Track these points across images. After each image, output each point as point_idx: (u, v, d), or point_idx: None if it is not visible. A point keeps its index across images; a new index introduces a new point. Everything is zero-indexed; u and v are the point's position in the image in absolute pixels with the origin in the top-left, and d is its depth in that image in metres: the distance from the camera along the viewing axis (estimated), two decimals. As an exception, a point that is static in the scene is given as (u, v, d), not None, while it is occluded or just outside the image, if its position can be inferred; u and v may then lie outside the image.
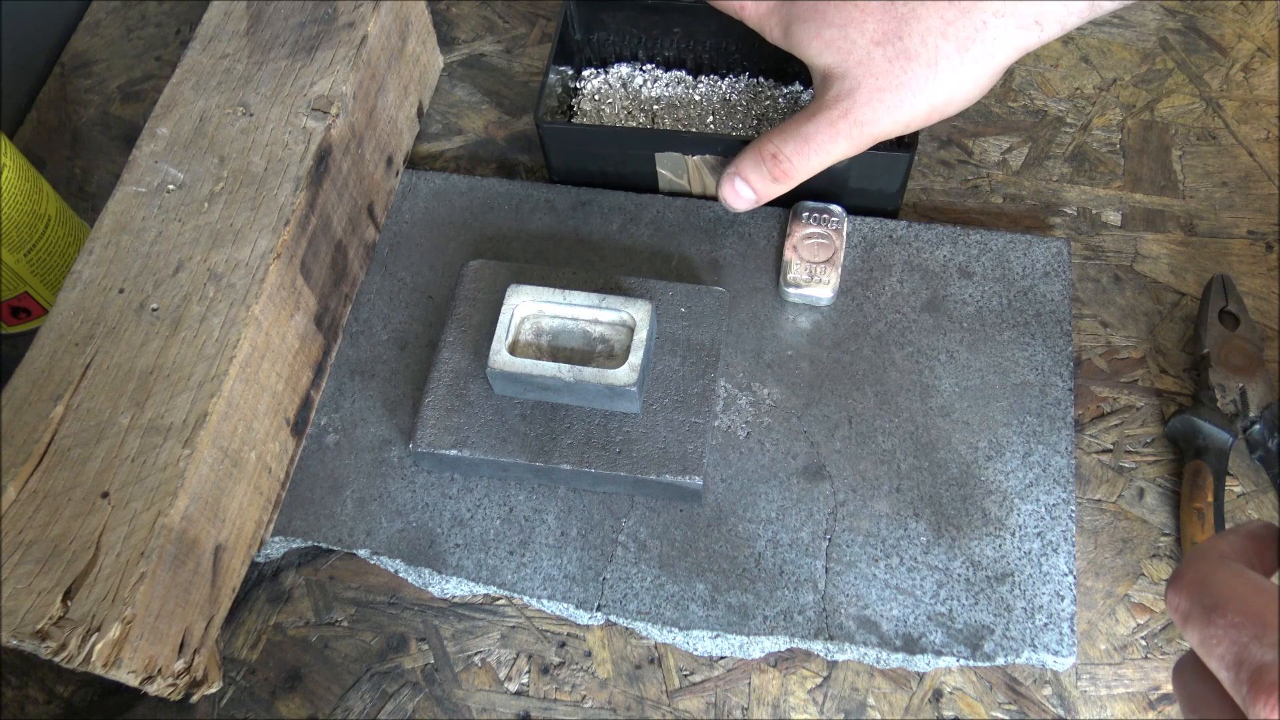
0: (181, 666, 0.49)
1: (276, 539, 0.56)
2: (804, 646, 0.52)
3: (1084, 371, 0.59)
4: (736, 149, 0.61)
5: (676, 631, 0.53)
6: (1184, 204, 0.64)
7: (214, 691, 0.52)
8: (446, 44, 0.74)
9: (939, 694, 0.52)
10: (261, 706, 0.53)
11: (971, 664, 0.51)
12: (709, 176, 0.63)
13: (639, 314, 0.55)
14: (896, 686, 0.52)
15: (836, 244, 0.60)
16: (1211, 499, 0.53)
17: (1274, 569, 0.33)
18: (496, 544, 0.55)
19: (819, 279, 0.59)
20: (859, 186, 0.61)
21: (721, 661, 0.53)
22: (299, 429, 0.57)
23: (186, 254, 0.53)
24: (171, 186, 0.56)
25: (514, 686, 0.53)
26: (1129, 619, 0.53)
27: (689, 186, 0.64)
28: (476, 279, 0.60)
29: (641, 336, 0.54)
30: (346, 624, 0.55)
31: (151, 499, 0.47)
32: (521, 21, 0.76)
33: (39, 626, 0.43)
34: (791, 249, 0.60)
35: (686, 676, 0.53)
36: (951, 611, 0.52)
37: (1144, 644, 0.52)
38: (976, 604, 0.52)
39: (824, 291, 0.59)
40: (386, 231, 0.65)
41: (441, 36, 0.74)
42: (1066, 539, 0.53)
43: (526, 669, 0.54)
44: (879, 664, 0.52)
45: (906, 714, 0.51)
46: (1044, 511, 0.54)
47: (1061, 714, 0.51)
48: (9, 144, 0.58)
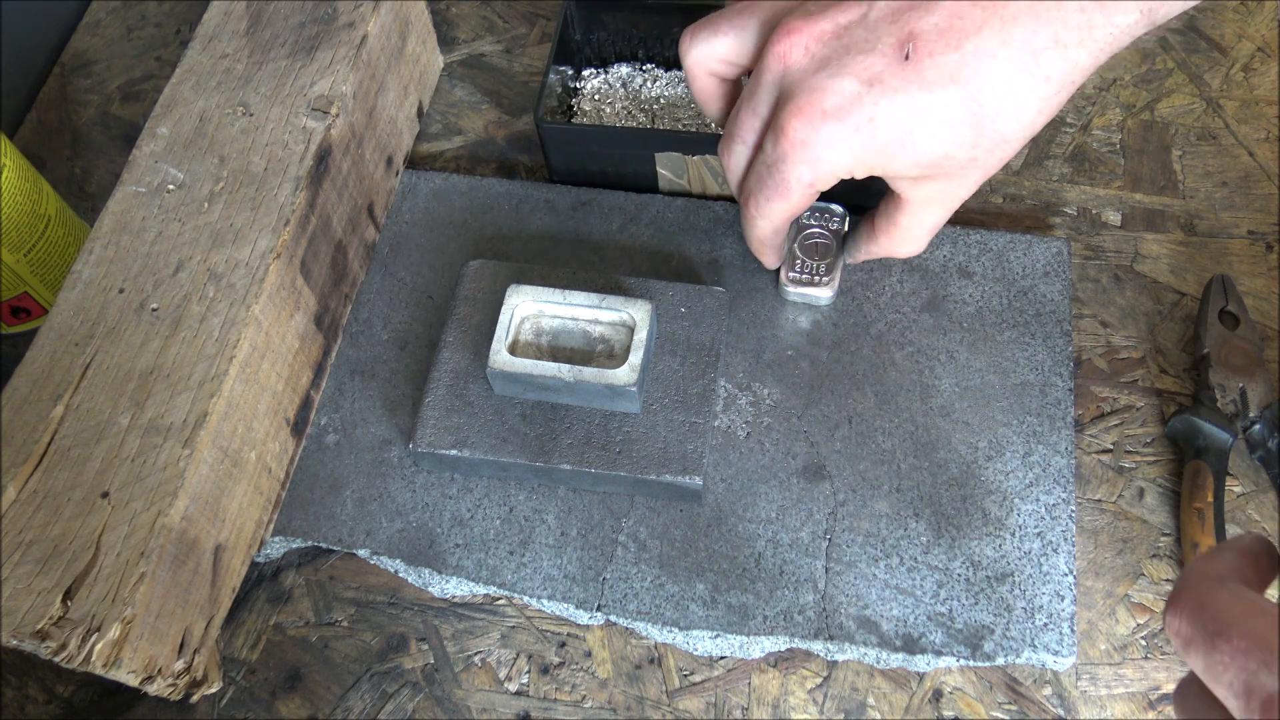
0: (181, 666, 0.49)
1: (276, 539, 0.56)
2: (804, 646, 0.52)
3: (1084, 371, 0.59)
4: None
5: (676, 631, 0.53)
6: (1184, 204, 0.64)
7: (214, 691, 0.52)
8: (446, 44, 0.74)
9: (939, 694, 0.52)
10: (261, 706, 0.53)
11: (971, 664, 0.51)
12: (709, 176, 0.63)
13: (639, 314, 0.55)
14: (896, 686, 0.52)
15: (836, 243, 0.60)
16: (1211, 499, 0.53)
17: (1270, 583, 0.33)
18: (496, 544, 0.55)
19: (819, 279, 0.59)
20: (859, 186, 0.61)
21: (721, 661, 0.53)
22: (299, 429, 0.57)
23: (186, 254, 0.53)
24: (171, 186, 0.56)
25: (514, 686, 0.53)
26: (1129, 619, 0.53)
27: (689, 186, 0.64)
28: (476, 279, 0.60)
29: (641, 336, 0.54)
30: (346, 624, 0.55)
31: (151, 499, 0.47)
32: (521, 21, 0.76)
33: (39, 626, 0.43)
34: (792, 249, 0.60)
35: (686, 676, 0.53)
36: (951, 611, 0.52)
37: (1144, 644, 0.52)
38: (976, 604, 0.52)
39: (824, 292, 0.59)
40: (386, 231, 0.65)
41: (441, 36, 0.74)
42: (1066, 539, 0.53)
43: (526, 669, 0.54)
44: (879, 664, 0.52)
45: (906, 714, 0.51)
46: (1044, 511, 0.54)
47: (1061, 714, 0.51)
48: (9, 144, 0.58)
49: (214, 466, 0.49)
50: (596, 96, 0.69)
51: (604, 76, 0.70)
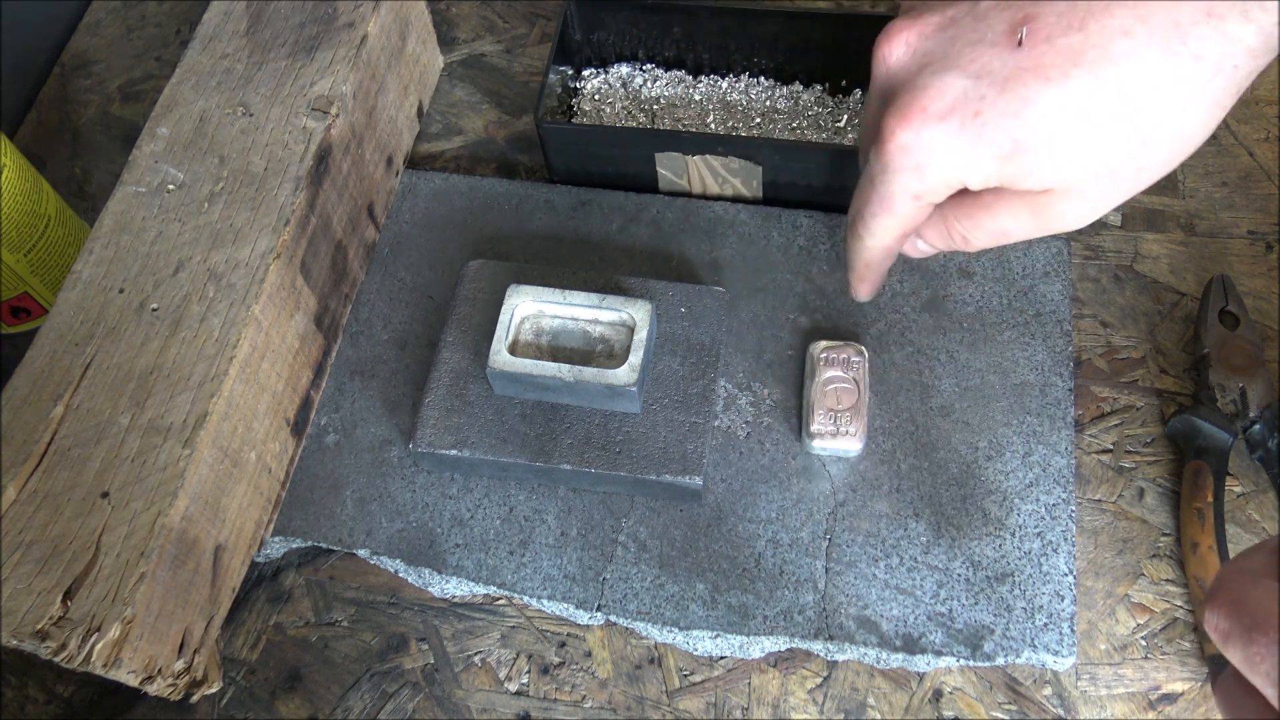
0: (181, 666, 0.49)
1: (276, 539, 0.56)
2: (804, 646, 0.52)
3: (1084, 371, 0.59)
4: (736, 149, 0.61)
5: (676, 631, 0.53)
6: (1184, 204, 0.64)
7: (214, 691, 0.52)
8: (446, 44, 0.74)
9: (939, 694, 0.52)
10: (261, 706, 0.53)
11: (971, 664, 0.51)
12: (709, 176, 0.63)
13: (639, 314, 0.55)
14: (896, 686, 0.52)
15: (859, 388, 0.55)
16: (1211, 499, 0.53)
17: None
18: (496, 544, 0.55)
19: (844, 430, 0.54)
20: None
21: (721, 661, 0.53)
22: (299, 429, 0.57)
23: (186, 254, 0.53)
24: (171, 186, 0.56)
25: (514, 686, 0.53)
26: (1129, 619, 0.53)
27: (689, 186, 0.64)
28: (476, 279, 0.60)
29: (641, 336, 0.54)
30: (346, 624, 0.55)
31: (151, 499, 0.47)
32: (521, 21, 0.76)
33: (39, 626, 0.43)
34: (812, 397, 0.55)
35: (686, 676, 0.53)
36: (951, 611, 0.52)
37: (1144, 644, 0.52)
38: (976, 604, 0.52)
39: (851, 444, 0.54)
40: (386, 231, 0.65)
41: (441, 36, 0.74)
42: (1066, 539, 0.53)
43: (526, 669, 0.54)
44: (879, 664, 0.52)
45: (906, 714, 0.51)
46: (1044, 511, 0.54)
47: (1061, 714, 0.51)
48: (9, 144, 0.58)
49: (214, 466, 0.49)
50: (596, 96, 0.69)
51: (604, 76, 0.70)
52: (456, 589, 0.55)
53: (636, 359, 0.54)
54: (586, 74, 0.70)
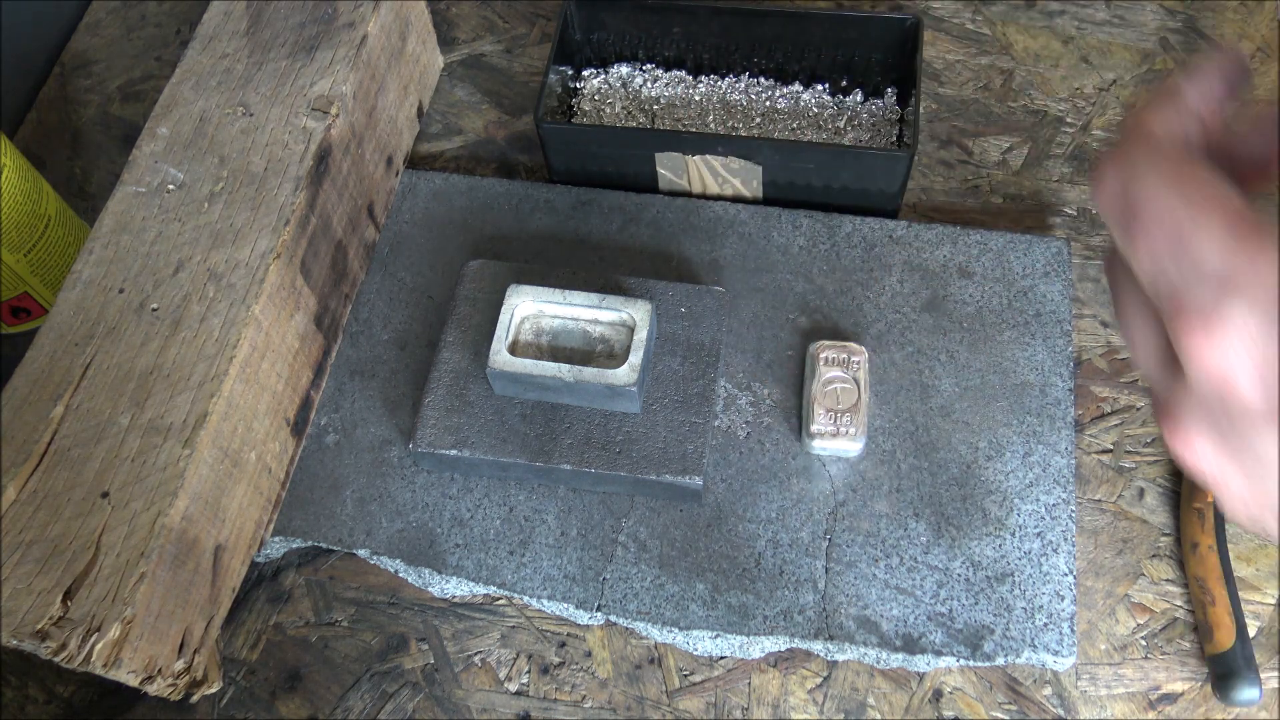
0: (181, 666, 0.49)
1: (276, 539, 0.56)
2: (804, 646, 0.52)
3: (1084, 371, 0.59)
4: (736, 149, 0.61)
5: (676, 631, 0.53)
6: (1184, 204, 0.64)
7: (214, 691, 0.52)
8: (446, 44, 0.74)
9: (939, 694, 0.52)
10: (261, 706, 0.53)
11: (971, 664, 0.51)
12: (709, 176, 0.63)
13: (639, 314, 0.55)
14: (896, 686, 0.52)
15: (859, 388, 0.55)
16: (1211, 499, 0.53)
17: (1235, 94, 0.30)
18: (496, 544, 0.55)
19: (844, 430, 0.54)
20: (859, 186, 0.61)
21: (721, 661, 0.53)
22: (299, 429, 0.57)
23: (186, 254, 0.53)
24: (171, 186, 0.56)
25: (514, 686, 0.53)
26: (1129, 619, 0.53)
27: (689, 186, 0.64)
28: (476, 279, 0.60)
29: (641, 336, 0.54)
30: (346, 624, 0.55)
31: (151, 499, 0.47)
32: (521, 21, 0.76)
33: (39, 626, 0.43)
34: (812, 397, 0.55)
35: (686, 676, 0.53)
36: (951, 611, 0.52)
37: (1144, 644, 0.52)
38: (976, 604, 0.52)
39: (851, 445, 0.54)
40: (386, 231, 0.65)
41: (441, 36, 0.74)
42: (1066, 539, 0.53)
43: (526, 669, 0.54)
44: (879, 664, 0.52)
45: (906, 714, 0.51)
46: (1044, 511, 0.54)
47: (1061, 714, 0.51)
48: (9, 144, 0.58)
49: (214, 466, 0.49)
50: (596, 96, 0.69)
51: (604, 76, 0.70)
52: (456, 589, 0.55)
53: (636, 359, 0.54)
54: (586, 74, 0.70)
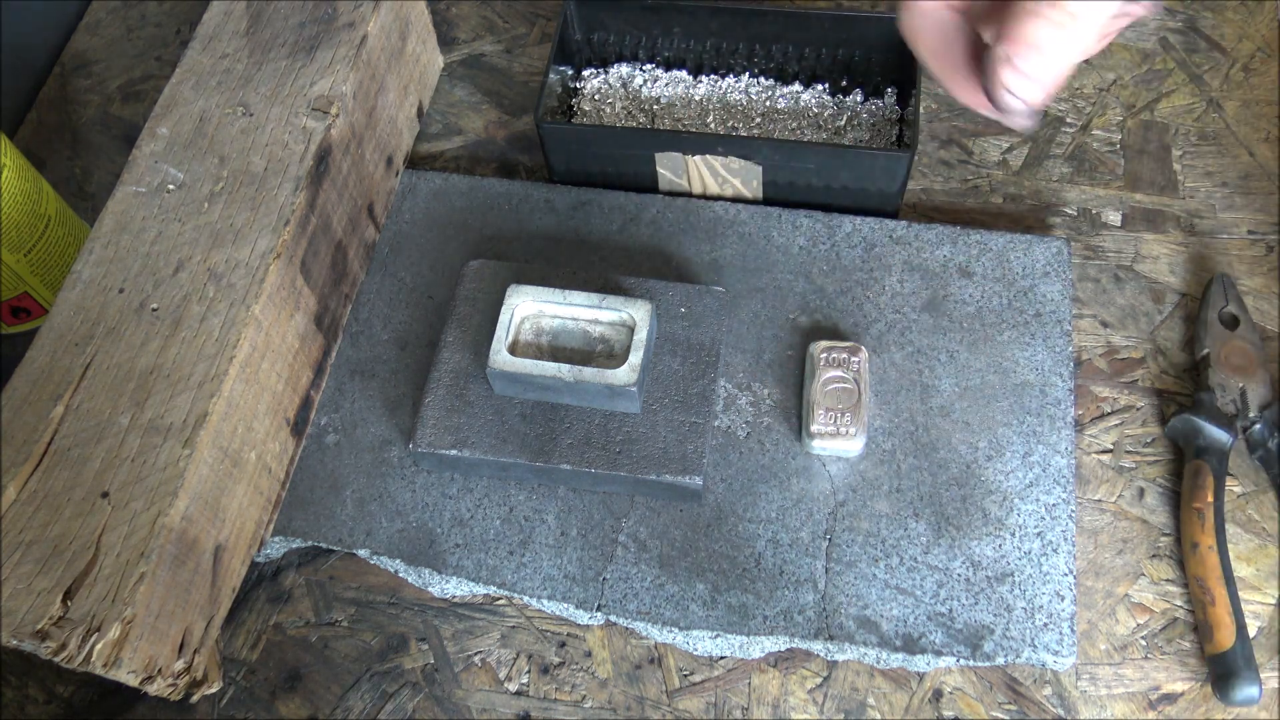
0: (181, 666, 0.49)
1: (276, 539, 0.56)
2: (804, 646, 0.52)
3: (1084, 371, 0.59)
4: (736, 149, 0.61)
5: (676, 631, 0.53)
6: (1184, 204, 0.64)
7: (214, 691, 0.52)
8: (446, 44, 0.74)
9: (939, 694, 0.52)
10: (261, 706, 0.53)
11: (971, 664, 0.51)
12: (709, 176, 0.63)
13: (639, 314, 0.55)
14: (896, 686, 0.52)
15: (859, 388, 0.55)
16: (1211, 499, 0.53)
17: None
18: (496, 544, 0.55)
19: (844, 430, 0.54)
20: (859, 186, 0.62)
21: (721, 661, 0.53)
22: (299, 429, 0.57)
23: (186, 254, 0.53)
24: (171, 186, 0.56)
25: (514, 686, 0.53)
26: (1129, 619, 0.53)
27: (689, 186, 0.64)
28: (476, 279, 0.60)
29: (641, 336, 0.54)
30: (346, 624, 0.55)
31: (151, 499, 0.47)
32: (521, 21, 0.76)
33: (39, 626, 0.43)
34: (812, 397, 0.55)
35: (686, 676, 0.53)
36: (951, 611, 0.52)
37: (1144, 644, 0.52)
38: (976, 604, 0.52)
39: (851, 445, 0.54)
40: (386, 231, 0.65)
41: (441, 36, 0.74)
42: (1066, 539, 0.53)
43: (526, 669, 0.54)
44: (879, 664, 0.52)
45: (906, 714, 0.51)
46: (1044, 511, 0.54)
47: (1061, 714, 0.51)
48: (9, 144, 0.58)
49: (214, 466, 0.49)
50: (596, 96, 0.69)
51: (604, 76, 0.70)
52: (456, 589, 0.55)
53: (636, 359, 0.54)
54: (586, 74, 0.70)
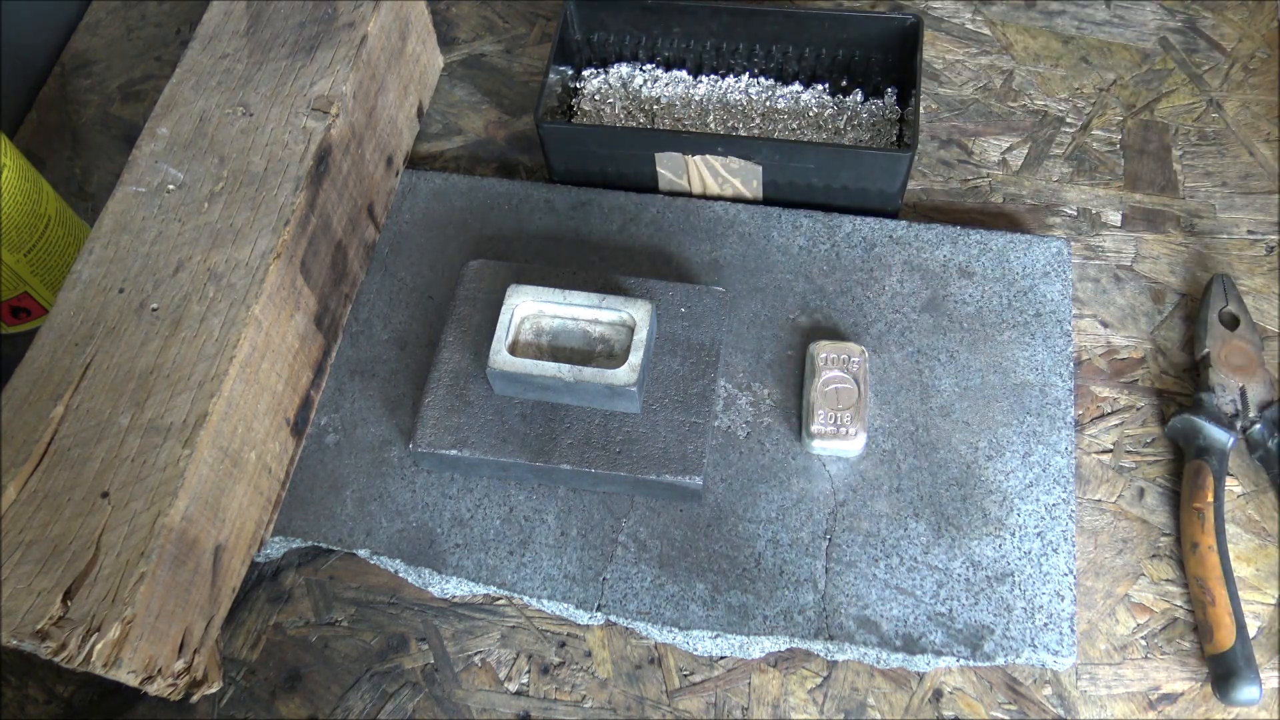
0: (181, 666, 0.49)
1: (276, 539, 0.56)
2: (804, 646, 0.52)
3: (1084, 371, 0.59)
4: (736, 149, 0.61)
5: (676, 631, 0.53)
6: (1184, 204, 0.64)
7: (214, 691, 0.52)
8: (446, 44, 0.74)
9: (939, 694, 0.52)
10: (261, 706, 0.53)
11: (971, 664, 0.51)
12: (709, 176, 0.63)
13: (639, 314, 0.55)
14: (896, 686, 0.52)
15: (859, 388, 0.55)
16: (1211, 499, 0.53)
17: None
18: (496, 544, 0.55)
19: (844, 430, 0.54)
20: (859, 186, 0.62)
21: (721, 661, 0.53)
22: (299, 429, 0.57)
23: (186, 254, 0.53)
24: (171, 186, 0.56)
25: (514, 686, 0.53)
26: (1129, 619, 0.53)
27: (689, 186, 0.64)
28: (476, 279, 0.60)
29: (641, 336, 0.54)
30: (346, 624, 0.55)
31: (151, 499, 0.47)
32: (521, 21, 0.76)
33: (39, 626, 0.43)
34: (812, 397, 0.55)
35: (686, 676, 0.53)
36: (951, 611, 0.52)
37: (1144, 644, 0.52)
38: (976, 604, 0.52)
39: (852, 445, 0.54)
40: (386, 231, 0.65)
41: (441, 36, 0.74)
42: (1066, 539, 0.53)
43: (526, 669, 0.54)
44: (879, 664, 0.52)
45: (906, 714, 0.51)
46: (1044, 511, 0.54)
47: (1061, 714, 0.51)
48: (9, 144, 0.58)
49: (214, 466, 0.49)
50: (596, 96, 0.69)
51: (604, 76, 0.70)
52: (456, 589, 0.55)
53: (636, 359, 0.54)
54: (586, 74, 0.70)
